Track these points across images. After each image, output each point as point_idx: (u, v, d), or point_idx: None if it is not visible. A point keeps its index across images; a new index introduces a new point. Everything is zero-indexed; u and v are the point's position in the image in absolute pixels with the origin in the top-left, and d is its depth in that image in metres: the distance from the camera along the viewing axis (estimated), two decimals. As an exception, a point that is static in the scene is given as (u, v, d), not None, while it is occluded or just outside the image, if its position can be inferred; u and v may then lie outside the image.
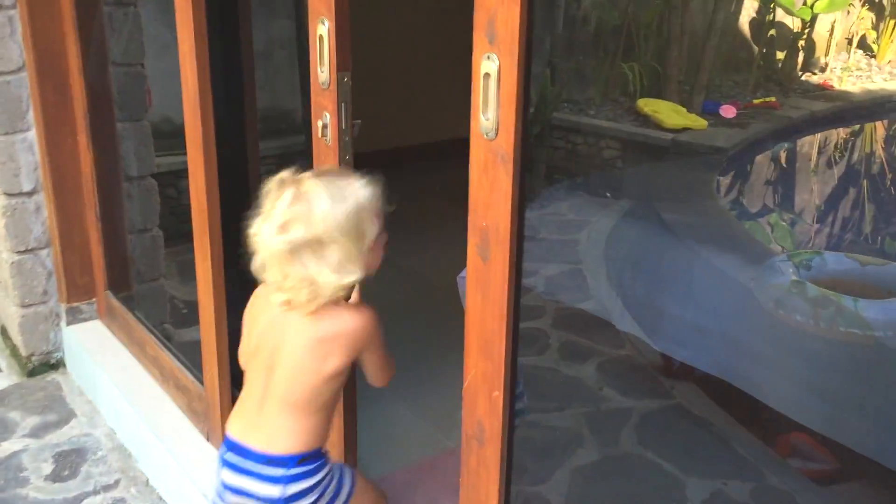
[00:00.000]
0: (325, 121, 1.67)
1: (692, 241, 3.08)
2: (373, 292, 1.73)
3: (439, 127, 5.01)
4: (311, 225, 1.43)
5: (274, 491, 1.52)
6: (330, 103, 1.66)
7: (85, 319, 2.95)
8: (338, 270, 1.45)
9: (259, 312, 1.59)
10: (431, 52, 4.78)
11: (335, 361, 1.51)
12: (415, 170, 4.74)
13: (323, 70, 1.65)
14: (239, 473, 1.54)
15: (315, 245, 1.44)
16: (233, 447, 1.56)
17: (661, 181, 4.23)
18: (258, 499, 1.54)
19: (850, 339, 2.52)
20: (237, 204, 2.69)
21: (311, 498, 1.55)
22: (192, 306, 2.29)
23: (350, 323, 1.51)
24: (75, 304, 2.93)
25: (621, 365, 3.09)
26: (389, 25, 4.63)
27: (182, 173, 3.90)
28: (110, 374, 2.71)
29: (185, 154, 2.06)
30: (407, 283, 3.47)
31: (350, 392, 1.86)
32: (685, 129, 4.72)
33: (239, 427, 1.57)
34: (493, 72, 1.25)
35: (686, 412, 2.84)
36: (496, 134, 1.27)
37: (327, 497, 1.57)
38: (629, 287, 3.05)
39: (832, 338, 2.54)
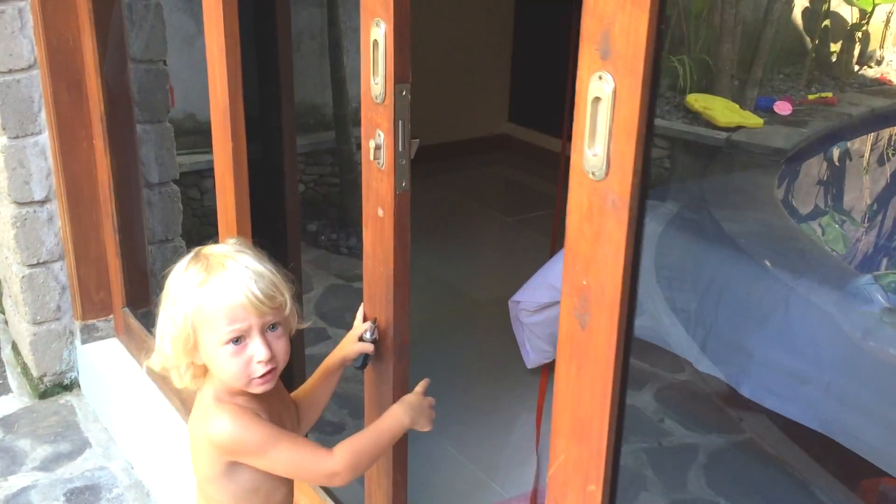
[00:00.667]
0: (379, 141, 1.42)
1: (760, 256, 2.80)
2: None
3: (469, 124, 4.74)
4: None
5: None
6: (385, 120, 1.40)
7: (101, 338, 2.73)
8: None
9: None
10: (462, 46, 4.50)
11: (204, 465, 1.32)
12: (441, 169, 4.45)
13: (377, 81, 1.39)
14: None
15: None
16: None
17: (716, 185, 3.95)
18: None
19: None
20: (269, 213, 2.46)
21: None
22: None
23: (209, 427, 1.29)
24: (91, 322, 2.71)
25: (682, 392, 2.83)
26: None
27: (206, 173, 3.69)
28: (128, 400, 2.49)
29: (209, 153, 1.83)
30: (446, 299, 3.21)
31: (400, 448, 1.61)
32: (739, 128, 4.43)
33: None
34: (605, 95, 0.99)
35: (758, 449, 2.58)
36: (606, 173, 1.01)
37: None
38: (687, 304, 2.78)
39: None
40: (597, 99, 1.00)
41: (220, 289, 1.22)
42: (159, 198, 2.75)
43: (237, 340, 1.23)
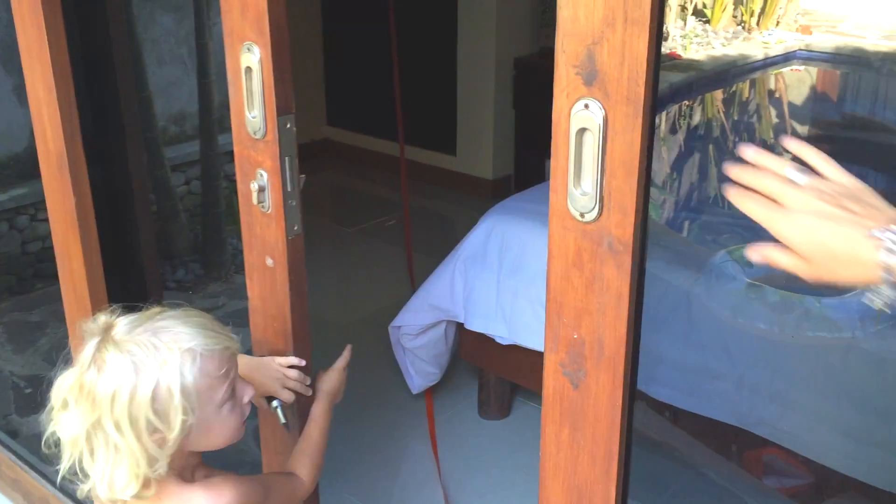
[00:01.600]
0: (262, 182, 1.21)
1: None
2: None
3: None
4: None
5: None
6: (268, 158, 1.20)
7: None
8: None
9: None
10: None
11: None
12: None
13: (254, 114, 1.19)
14: None
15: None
16: None
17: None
18: None
19: (820, 343, 2.32)
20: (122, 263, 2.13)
21: None
22: (37, 382, 1.81)
23: None
24: None
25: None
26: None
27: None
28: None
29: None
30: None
31: None
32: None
33: None
34: (594, 126, 0.85)
35: (643, 437, 2.57)
36: (599, 214, 0.88)
37: None
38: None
39: (801, 344, 2.33)
40: (583, 130, 0.86)
41: (198, 350, 1.04)
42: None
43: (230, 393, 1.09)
